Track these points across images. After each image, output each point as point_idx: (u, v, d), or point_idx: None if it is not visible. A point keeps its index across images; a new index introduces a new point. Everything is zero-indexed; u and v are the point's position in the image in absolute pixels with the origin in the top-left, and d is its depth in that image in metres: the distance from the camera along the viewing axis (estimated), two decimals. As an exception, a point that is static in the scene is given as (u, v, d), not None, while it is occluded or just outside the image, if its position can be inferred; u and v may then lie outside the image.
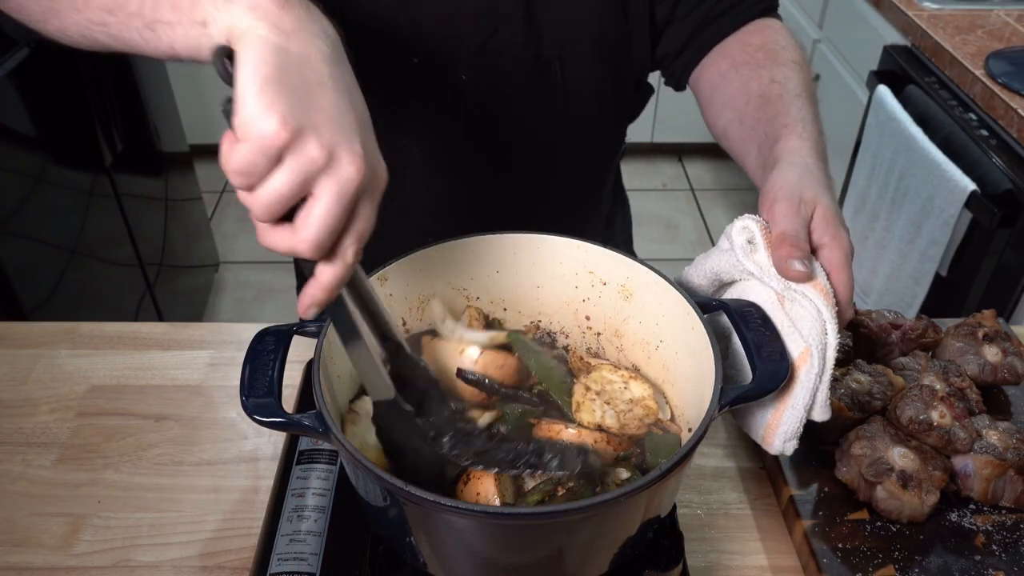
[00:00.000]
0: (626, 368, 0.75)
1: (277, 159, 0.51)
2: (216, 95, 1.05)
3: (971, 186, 1.61)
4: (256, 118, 0.50)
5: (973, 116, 1.72)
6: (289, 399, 0.94)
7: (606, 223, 1.20)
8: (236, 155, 0.51)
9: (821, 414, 0.69)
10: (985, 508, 0.81)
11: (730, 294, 0.77)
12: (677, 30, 0.97)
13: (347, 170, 0.52)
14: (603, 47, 0.96)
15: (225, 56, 0.53)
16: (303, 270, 0.56)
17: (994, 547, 0.77)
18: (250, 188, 0.52)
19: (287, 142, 0.50)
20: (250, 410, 0.62)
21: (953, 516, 0.80)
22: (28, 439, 0.89)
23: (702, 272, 0.79)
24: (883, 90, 1.94)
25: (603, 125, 1.06)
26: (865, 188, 2.04)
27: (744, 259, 0.73)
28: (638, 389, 0.72)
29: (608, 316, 0.81)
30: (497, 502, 0.64)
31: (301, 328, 0.69)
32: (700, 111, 0.99)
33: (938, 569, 0.75)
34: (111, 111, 2.04)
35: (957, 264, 1.74)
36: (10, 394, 0.95)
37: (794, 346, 0.69)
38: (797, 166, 0.79)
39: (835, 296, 0.71)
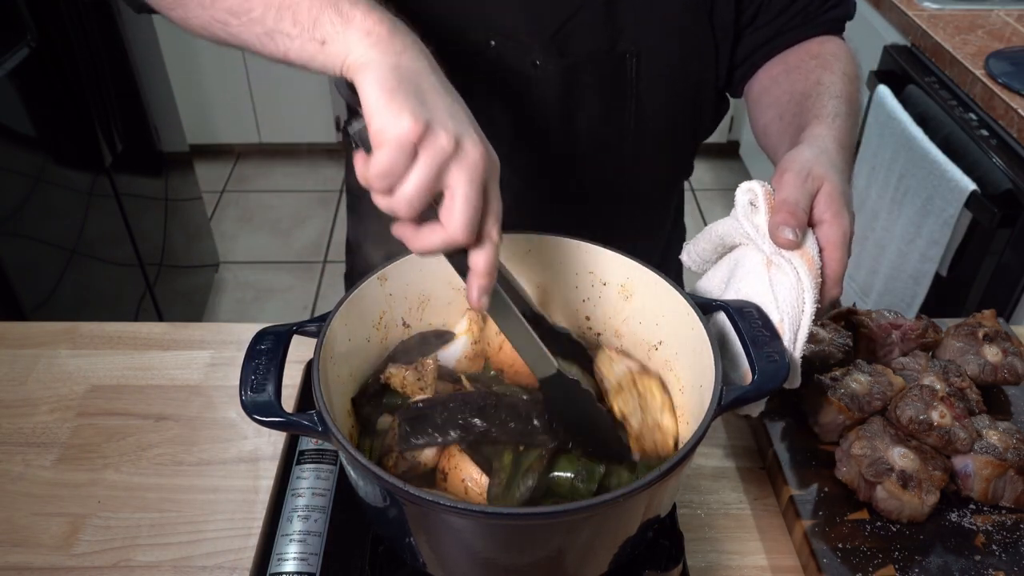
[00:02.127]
0: (667, 395, 0.74)
1: (413, 155, 0.56)
2: (217, 96, 1.06)
3: (971, 186, 1.61)
4: (390, 122, 0.56)
5: (973, 116, 1.72)
6: (289, 399, 0.94)
7: (663, 250, 1.17)
8: (377, 160, 0.56)
9: (791, 382, 0.72)
10: (985, 508, 0.81)
11: (729, 258, 0.78)
12: (751, 40, 0.98)
13: (473, 155, 0.58)
14: (681, 50, 0.95)
15: (350, 121, 0.60)
16: (457, 269, 0.62)
17: (994, 547, 0.77)
18: (391, 190, 0.57)
19: (420, 135, 0.56)
20: (250, 410, 0.62)
21: (953, 516, 0.80)
22: (28, 439, 0.89)
23: (708, 237, 0.80)
24: (883, 90, 1.94)
25: (673, 135, 1.03)
26: (865, 188, 2.04)
27: (743, 220, 0.74)
28: (669, 423, 0.72)
29: (608, 316, 0.81)
30: (484, 481, 0.64)
31: (301, 328, 0.69)
32: (747, 112, 1.01)
33: (938, 569, 0.75)
34: (111, 111, 2.04)
35: (957, 264, 1.74)
36: (10, 394, 0.95)
37: (770, 315, 0.70)
38: (815, 147, 0.81)
39: (824, 273, 0.72)
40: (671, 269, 1.19)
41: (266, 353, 0.66)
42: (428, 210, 0.58)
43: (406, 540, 0.64)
